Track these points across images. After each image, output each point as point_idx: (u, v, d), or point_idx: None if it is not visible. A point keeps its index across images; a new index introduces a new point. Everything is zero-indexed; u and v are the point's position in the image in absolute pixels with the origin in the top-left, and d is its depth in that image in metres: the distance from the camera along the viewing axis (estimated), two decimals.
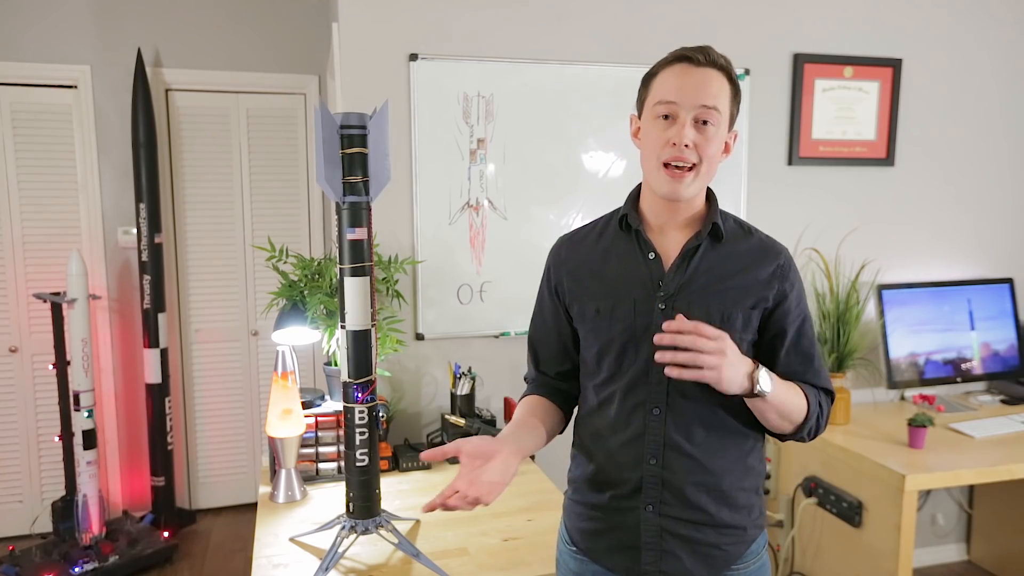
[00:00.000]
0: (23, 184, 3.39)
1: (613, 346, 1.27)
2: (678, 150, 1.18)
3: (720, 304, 1.23)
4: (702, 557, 1.26)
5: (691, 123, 1.18)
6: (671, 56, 1.23)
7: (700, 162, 1.20)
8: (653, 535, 1.26)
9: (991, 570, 3.12)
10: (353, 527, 1.70)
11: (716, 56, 1.21)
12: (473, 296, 2.52)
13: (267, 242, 2.56)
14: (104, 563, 2.99)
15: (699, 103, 1.18)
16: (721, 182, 2.71)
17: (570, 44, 2.52)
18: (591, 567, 1.33)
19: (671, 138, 1.19)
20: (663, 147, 1.20)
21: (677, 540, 1.25)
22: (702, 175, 1.21)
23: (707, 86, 1.19)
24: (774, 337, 1.27)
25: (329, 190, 1.60)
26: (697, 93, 1.18)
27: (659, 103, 1.21)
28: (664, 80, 1.22)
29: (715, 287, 1.24)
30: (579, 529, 1.35)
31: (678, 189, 1.21)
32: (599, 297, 1.29)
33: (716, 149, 1.21)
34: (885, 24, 2.84)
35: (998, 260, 3.10)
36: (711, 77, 1.20)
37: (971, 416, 2.77)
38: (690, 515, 1.25)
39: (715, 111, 1.19)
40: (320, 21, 3.65)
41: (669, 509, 1.25)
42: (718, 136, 1.21)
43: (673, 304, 1.24)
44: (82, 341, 3.01)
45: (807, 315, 1.31)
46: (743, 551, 1.29)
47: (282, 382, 1.99)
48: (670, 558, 1.26)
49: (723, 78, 1.21)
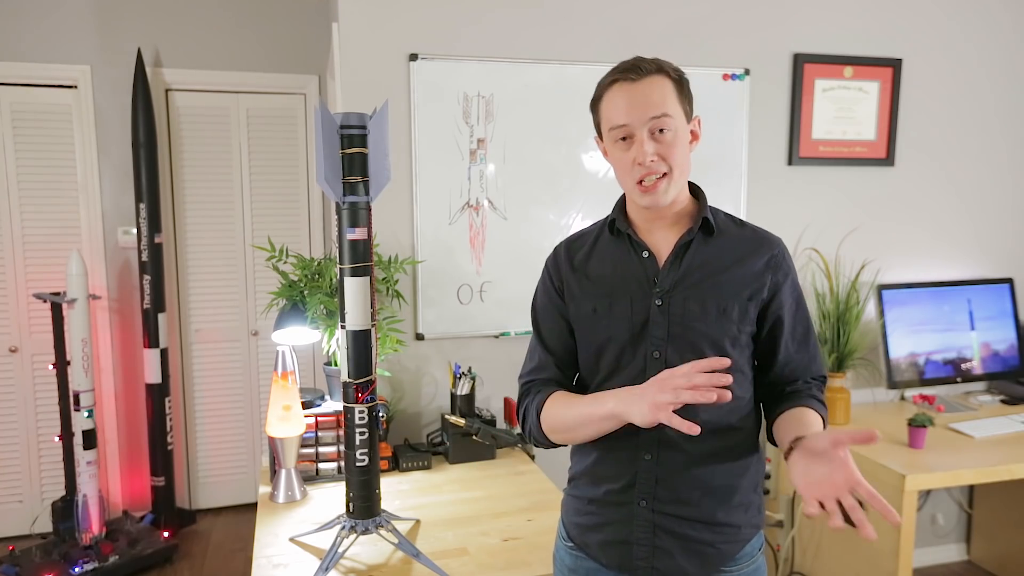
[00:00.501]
0: (23, 184, 3.40)
1: (611, 344, 1.28)
2: (644, 168, 1.21)
3: (716, 297, 1.25)
4: (695, 555, 1.26)
5: (648, 138, 1.21)
6: (607, 79, 1.25)
7: (671, 168, 1.22)
8: (646, 530, 1.26)
9: (991, 570, 3.12)
10: (353, 527, 1.70)
11: (647, 64, 1.22)
12: (473, 296, 2.52)
13: (267, 242, 2.56)
14: (104, 563, 2.99)
15: (648, 116, 1.20)
16: (721, 182, 2.71)
17: (570, 44, 2.52)
18: (586, 563, 1.34)
19: (635, 158, 1.22)
20: (632, 168, 1.23)
21: (670, 536, 1.26)
22: (675, 179, 1.23)
23: (649, 98, 1.21)
24: (773, 327, 1.30)
25: (329, 190, 1.60)
26: (644, 108, 1.20)
27: (612, 129, 1.24)
28: (609, 104, 1.24)
29: (710, 280, 1.26)
30: (575, 524, 1.36)
31: (657, 199, 1.24)
32: (596, 296, 1.31)
33: (681, 150, 1.24)
34: (885, 24, 2.84)
35: (998, 260, 3.10)
36: (651, 86, 1.21)
37: (971, 416, 2.77)
38: (683, 512, 1.25)
39: (666, 117, 1.21)
40: (320, 21, 3.65)
41: (662, 505, 1.25)
42: (678, 138, 1.23)
43: (669, 300, 1.25)
44: (82, 341, 3.01)
45: (801, 301, 1.33)
46: (737, 550, 1.29)
47: (282, 382, 1.99)
48: (662, 554, 1.26)
49: (662, 80, 1.22)
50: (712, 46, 2.66)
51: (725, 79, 2.67)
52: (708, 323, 1.24)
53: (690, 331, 1.24)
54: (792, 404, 1.28)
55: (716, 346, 1.25)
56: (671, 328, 1.25)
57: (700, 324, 1.24)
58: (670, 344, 1.25)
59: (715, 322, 1.24)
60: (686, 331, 1.24)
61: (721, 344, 1.25)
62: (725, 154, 2.70)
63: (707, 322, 1.24)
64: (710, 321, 1.24)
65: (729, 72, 2.68)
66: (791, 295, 1.31)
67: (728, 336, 1.25)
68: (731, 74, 2.68)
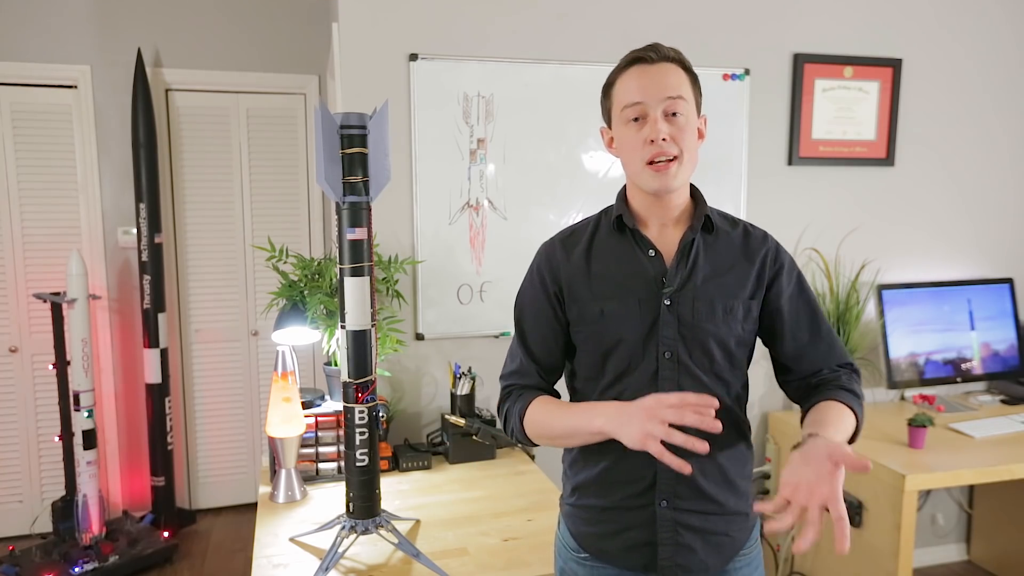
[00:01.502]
0: (23, 184, 3.39)
1: (620, 346, 1.27)
2: (657, 146, 1.21)
3: (722, 296, 1.26)
4: (714, 547, 1.28)
5: (662, 117, 1.21)
6: (623, 62, 1.26)
7: (681, 152, 1.22)
8: (668, 530, 1.26)
9: (991, 570, 3.12)
10: (353, 527, 1.70)
11: (666, 50, 1.24)
12: (473, 296, 2.52)
13: (267, 242, 2.56)
14: (104, 563, 2.99)
15: (664, 95, 1.21)
16: (721, 182, 2.71)
17: (570, 44, 2.52)
18: (603, 571, 1.32)
19: (647, 136, 1.21)
20: (642, 147, 1.22)
21: (691, 532, 1.27)
22: (685, 163, 1.23)
23: (667, 79, 1.21)
24: (774, 318, 1.30)
25: (329, 190, 1.60)
26: (660, 88, 1.21)
27: (626, 107, 1.23)
28: (624, 85, 1.24)
29: (714, 280, 1.26)
30: (587, 534, 1.33)
31: (667, 182, 1.23)
32: (603, 298, 1.28)
33: (692, 136, 1.24)
34: (885, 24, 2.84)
35: (998, 260, 3.10)
36: (668, 70, 1.22)
37: (971, 416, 2.77)
38: (702, 506, 1.26)
39: (681, 100, 1.21)
40: (320, 21, 3.65)
41: (682, 502, 1.26)
42: (690, 124, 1.23)
43: (679, 300, 1.25)
44: (82, 341, 3.01)
45: (804, 290, 1.33)
46: (747, 537, 1.32)
47: (282, 382, 1.99)
48: (685, 551, 1.27)
49: (678, 68, 1.23)
50: (712, 46, 2.66)
51: (725, 79, 2.67)
52: (716, 323, 1.25)
53: (699, 331, 1.25)
54: (820, 398, 1.27)
55: (723, 346, 1.26)
56: (681, 328, 1.24)
57: (709, 324, 1.25)
58: (680, 344, 1.25)
59: (722, 322, 1.25)
60: (695, 331, 1.24)
61: (727, 344, 1.26)
62: (725, 154, 2.70)
63: (715, 322, 1.25)
64: (718, 321, 1.25)
65: (729, 72, 2.68)
66: (789, 284, 1.31)
67: (734, 336, 1.26)
68: (731, 74, 2.68)
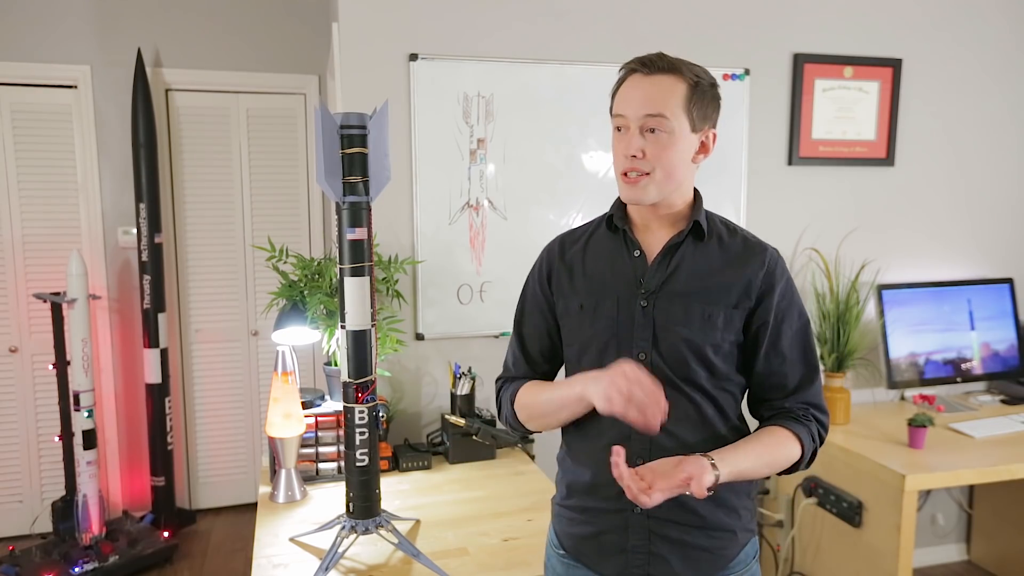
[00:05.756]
0: (23, 184, 3.39)
1: (594, 343, 1.27)
2: (629, 161, 1.22)
3: (701, 302, 1.23)
4: (691, 561, 1.25)
5: (638, 133, 1.21)
6: (623, 69, 1.26)
7: (653, 170, 1.21)
8: (641, 538, 1.25)
9: (991, 570, 3.12)
10: (353, 527, 1.70)
11: (664, 63, 1.21)
12: (473, 296, 2.52)
13: (267, 242, 2.56)
14: (104, 563, 2.99)
15: (642, 113, 1.20)
16: (721, 182, 2.71)
17: (570, 44, 2.52)
18: (580, 572, 1.32)
19: (623, 150, 1.23)
20: (621, 158, 1.24)
21: (666, 543, 1.25)
22: (658, 181, 1.21)
23: (650, 95, 1.20)
24: (756, 333, 1.25)
25: (329, 190, 1.60)
26: (641, 104, 1.20)
27: (614, 117, 1.25)
28: (618, 93, 1.26)
29: (697, 285, 1.24)
30: (568, 534, 1.34)
31: (637, 195, 1.23)
32: (584, 294, 1.30)
33: (673, 155, 1.21)
34: (885, 24, 2.84)
35: (998, 260, 3.10)
36: (657, 84, 1.20)
37: (971, 416, 2.77)
38: (679, 516, 1.24)
39: (660, 118, 1.19)
40: (320, 21, 3.65)
41: (657, 511, 1.23)
42: (673, 142, 1.20)
43: (654, 302, 1.24)
44: (82, 341, 3.01)
45: (795, 316, 1.27)
46: (733, 555, 1.28)
47: (282, 382, 1.99)
48: (658, 561, 1.25)
49: (674, 81, 1.20)
50: (712, 46, 2.66)
51: (725, 79, 2.67)
52: (692, 329, 1.22)
53: (672, 335, 1.22)
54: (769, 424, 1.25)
55: (698, 353, 1.22)
56: (656, 331, 1.23)
57: (683, 329, 1.22)
58: (655, 348, 1.23)
59: (699, 328, 1.22)
60: (668, 334, 1.22)
61: (703, 352, 1.22)
62: (725, 154, 2.70)
63: (690, 328, 1.22)
64: (693, 327, 1.22)
65: (729, 72, 2.68)
66: (782, 304, 1.25)
67: (710, 343, 1.22)
68: (731, 74, 2.68)
